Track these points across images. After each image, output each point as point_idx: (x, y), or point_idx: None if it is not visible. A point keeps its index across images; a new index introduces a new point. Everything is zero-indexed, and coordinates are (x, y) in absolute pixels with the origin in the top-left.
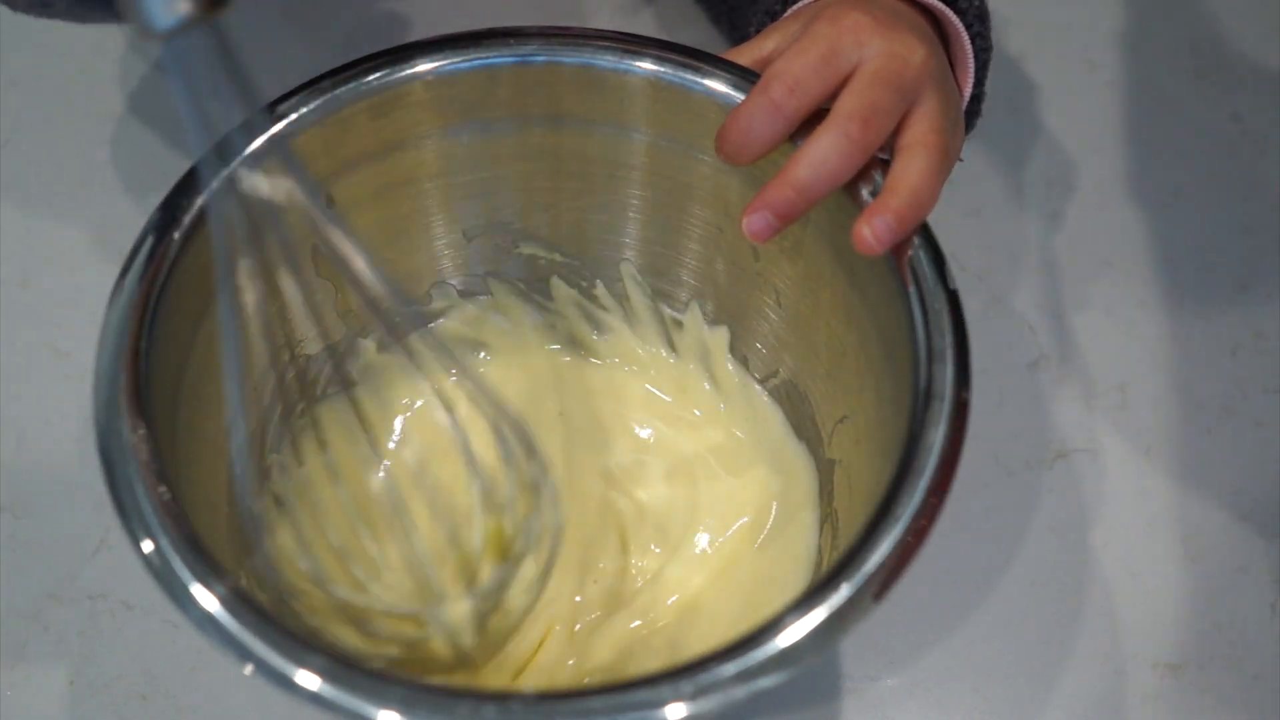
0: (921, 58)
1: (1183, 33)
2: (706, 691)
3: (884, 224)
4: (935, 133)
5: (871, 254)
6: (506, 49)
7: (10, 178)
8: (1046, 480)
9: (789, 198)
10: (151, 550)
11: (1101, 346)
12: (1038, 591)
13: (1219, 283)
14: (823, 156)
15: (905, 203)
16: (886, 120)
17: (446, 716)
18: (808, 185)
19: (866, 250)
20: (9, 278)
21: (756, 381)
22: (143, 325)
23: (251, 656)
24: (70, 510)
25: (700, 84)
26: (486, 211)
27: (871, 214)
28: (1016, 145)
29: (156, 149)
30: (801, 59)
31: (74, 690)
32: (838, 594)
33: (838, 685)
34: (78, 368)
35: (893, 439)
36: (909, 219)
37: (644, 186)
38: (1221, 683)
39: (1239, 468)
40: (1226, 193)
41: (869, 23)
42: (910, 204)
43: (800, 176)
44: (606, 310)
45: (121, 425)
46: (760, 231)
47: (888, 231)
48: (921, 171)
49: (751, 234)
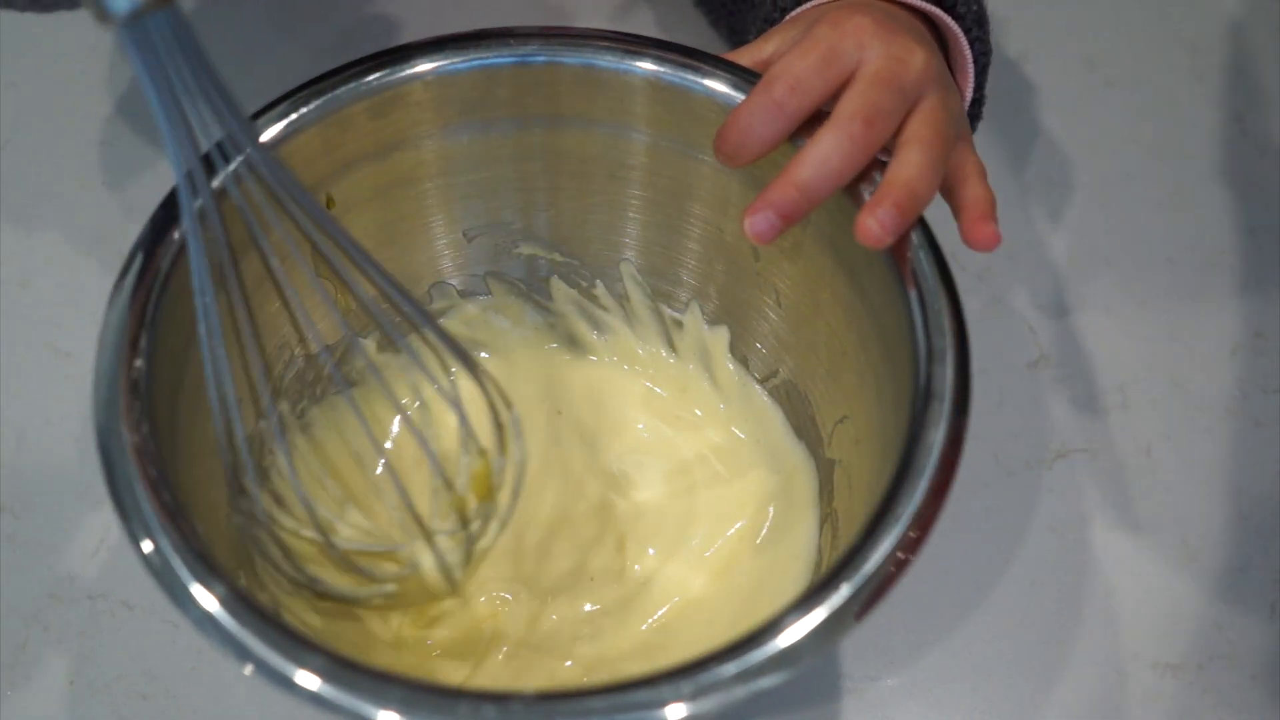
0: (921, 61)
1: (1183, 33)
2: (706, 691)
3: (886, 215)
4: (931, 127)
5: (876, 245)
6: (506, 49)
7: (10, 178)
8: (1046, 480)
9: (792, 197)
10: (151, 550)
11: (1101, 346)
12: (1038, 591)
13: (1219, 282)
14: (825, 156)
15: (903, 194)
16: (888, 121)
17: (446, 716)
18: (811, 185)
19: (871, 242)
20: (9, 278)
21: (756, 381)
22: (143, 325)
23: (251, 656)
24: (70, 510)
25: (700, 84)
26: (486, 211)
27: (873, 206)
28: (1016, 145)
29: (157, 149)
30: (803, 60)
31: (74, 690)
32: (838, 594)
33: (838, 685)
34: (78, 368)
35: (893, 439)
36: (908, 210)
37: (644, 186)
38: (1221, 683)
39: (1239, 468)
40: (1226, 193)
41: (870, 26)
42: (907, 196)
43: (803, 176)
44: (606, 310)
45: (121, 425)
46: (763, 232)
47: (890, 221)
48: (918, 165)
49: (754, 234)
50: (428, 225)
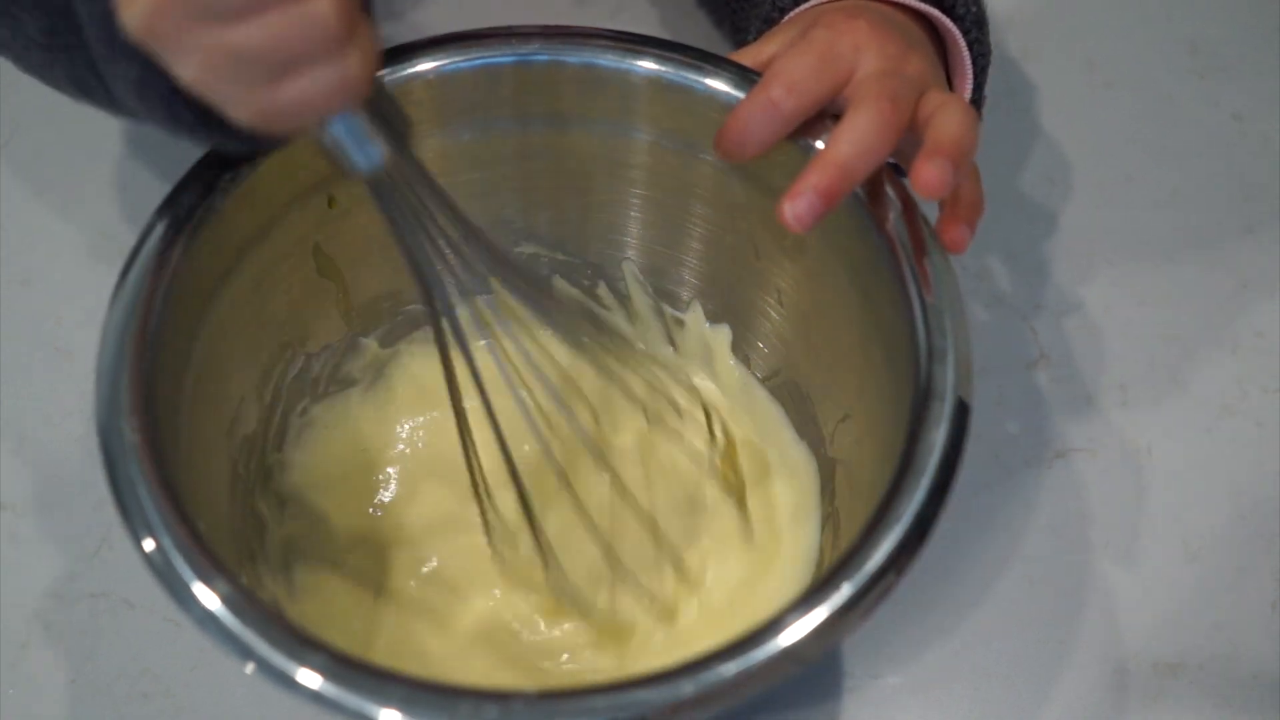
0: (916, 66)
1: (1183, 33)
2: (706, 691)
3: (942, 169)
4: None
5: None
6: (508, 48)
7: (11, 177)
8: (1046, 480)
9: (833, 177)
10: (153, 549)
11: (1101, 346)
12: (1038, 591)
13: (1219, 282)
14: (861, 133)
15: (848, 153)
16: (907, 106)
17: (447, 715)
18: (850, 162)
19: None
20: (11, 276)
21: (758, 381)
22: (144, 324)
23: (253, 655)
24: (72, 509)
25: (702, 83)
26: (488, 211)
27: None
28: (1016, 145)
29: (158, 148)
30: (800, 60)
31: (75, 689)
32: (838, 594)
33: (838, 684)
34: (79, 366)
35: (894, 438)
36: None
37: (646, 186)
38: (1221, 683)
39: (1239, 468)
40: (1226, 192)
41: (866, 28)
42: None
43: (843, 153)
44: (608, 309)
45: (123, 424)
46: (803, 215)
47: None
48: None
49: (795, 218)
50: None
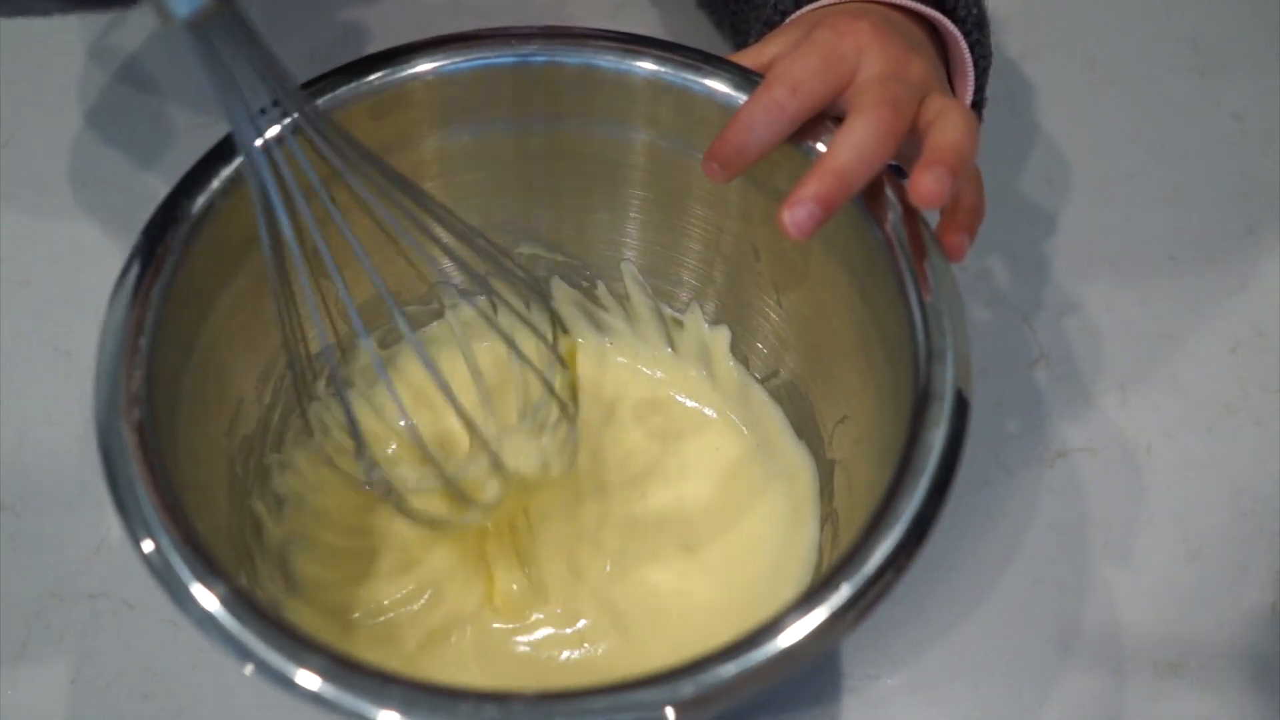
0: (919, 70)
1: (1183, 31)
2: (706, 691)
3: (944, 178)
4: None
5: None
6: (507, 49)
7: (10, 177)
8: (1046, 480)
9: (832, 185)
10: (152, 550)
11: (1102, 346)
12: (1038, 591)
13: (1219, 281)
14: (859, 140)
15: (848, 160)
16: (909, 111)
17: (447, 716)
18: (850, 170)
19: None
20: (10, 276)
21: (757, 381)
22: (144, 324)
23: (252, 656)
24: (71, 509)
25: (701, 84)
26: (487, 211)
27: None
28: (1016, 145)
29: (158, 148)
30: (803, 62)
31: (75, 689)
32: (838, 594)
33: (838, 684)
34: (79, 366)
35: (893, 439)
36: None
37: (645, 186)
38: (1221, 683)
39: (1239, 467)
40: (1227, 191)
41: (869, 30)
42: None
43: (841, 160)
44: (607, 310)
45: (122, 424)
46: (803, 223)
47: (947, 185)
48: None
49: (794, 225)
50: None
